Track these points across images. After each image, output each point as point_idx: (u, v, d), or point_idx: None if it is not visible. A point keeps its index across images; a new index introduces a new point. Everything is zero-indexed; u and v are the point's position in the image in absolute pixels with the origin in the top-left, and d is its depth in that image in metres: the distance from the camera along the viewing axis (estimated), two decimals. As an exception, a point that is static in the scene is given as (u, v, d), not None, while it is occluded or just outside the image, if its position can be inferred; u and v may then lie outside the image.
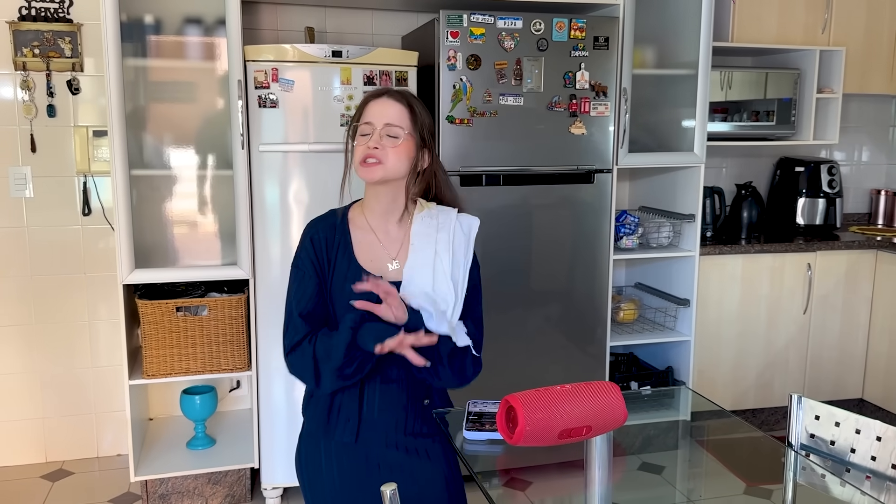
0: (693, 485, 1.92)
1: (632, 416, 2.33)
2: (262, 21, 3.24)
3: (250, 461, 2.94)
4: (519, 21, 2.88)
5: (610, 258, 3.20)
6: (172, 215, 2.90)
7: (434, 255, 1.63)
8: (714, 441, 2.22)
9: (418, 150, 1.63)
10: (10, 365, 3.19)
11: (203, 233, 2.99)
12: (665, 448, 2.18)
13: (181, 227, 2.95)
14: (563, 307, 3.14)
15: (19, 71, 3.00)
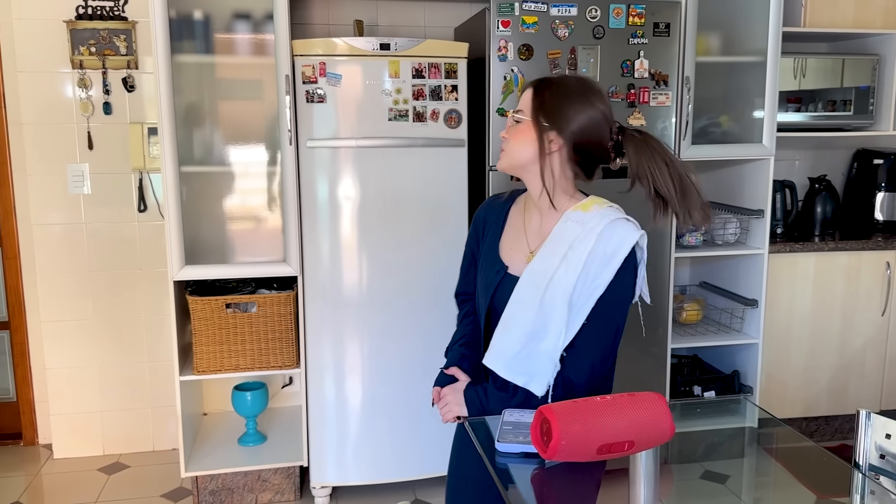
0: (759, 494, 1.79)
1: (694, 423, 2.21)
2: (313, 15, 3.22)
3: (300, 459, 2.92)
4: (574, 8, 2.76)
5: (671, 256, 3.04)
6: (223, 212, 2.90)
7: (557, 268, 1.46)
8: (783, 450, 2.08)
9: (542, 133, 1.49)
10: (71, 359, 3.27)
11: (253, 229, 2.98)
12: (730, 456, 2.06)
13: (231, 224, 2.95)
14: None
15: (76, 69, 3.06)
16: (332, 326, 2.83)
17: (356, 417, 2.89)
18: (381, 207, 2.79)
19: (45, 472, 3.21)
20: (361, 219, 2.79)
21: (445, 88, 2.76)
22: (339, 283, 2.82)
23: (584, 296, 1.46)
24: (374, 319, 2.84)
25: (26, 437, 3.44)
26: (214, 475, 2.89)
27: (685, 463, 2.02)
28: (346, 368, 2.86)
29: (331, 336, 2.84)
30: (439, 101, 2.76)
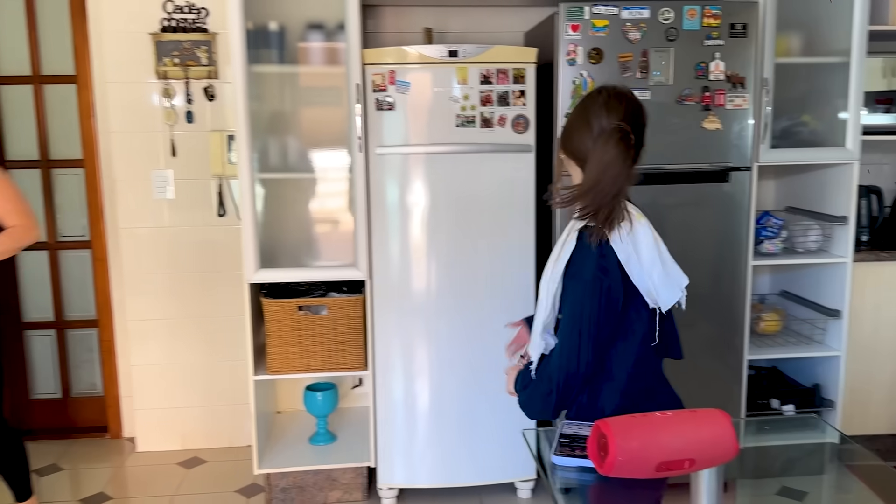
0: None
1: (772, 437, 2.14)
2: (383, 24, 3.27)
3: (368, 460, 2.96)
4: (646, 10, 2.70)
5: (749, 263, 2.94)
6: (296, 217, 2.98)
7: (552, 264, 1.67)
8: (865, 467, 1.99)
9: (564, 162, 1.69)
10: (155, 356, 3.42)
11: (324, 234, 3.06)
12: (809, 472, 1.99)
13: (303, 228, 3.04)
14: (697, 315, 2.93)
15: (161, 80, 3.20)
16: (400, 329, 2.87)
17: (424, 420, 2.91)
18: (448, 213, 2.80)
19: (128, 464, 3.37)
20: (429, 224, 2.81)
21: (513, 94, 2.75)
22: (407, 287, 2.85)
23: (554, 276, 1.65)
24: (442, 323, 2.86)
25: (112, 430, 3.62)
26: (286, 473, 2.97)
27: (761, 478, 1.96)
28: (414, 371, 2.89)
29: (399, 339, 2.87)
30: (507, 106, 2.76)
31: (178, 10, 3.16)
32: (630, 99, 1.65)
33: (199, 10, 3.17)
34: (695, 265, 2.87)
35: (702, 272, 2.90)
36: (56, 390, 3.64)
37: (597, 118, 1.60)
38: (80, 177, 3.48)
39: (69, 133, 3.46)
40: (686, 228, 2.87)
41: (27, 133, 3.47)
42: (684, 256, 2.84)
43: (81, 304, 3.60)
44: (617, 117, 1.60)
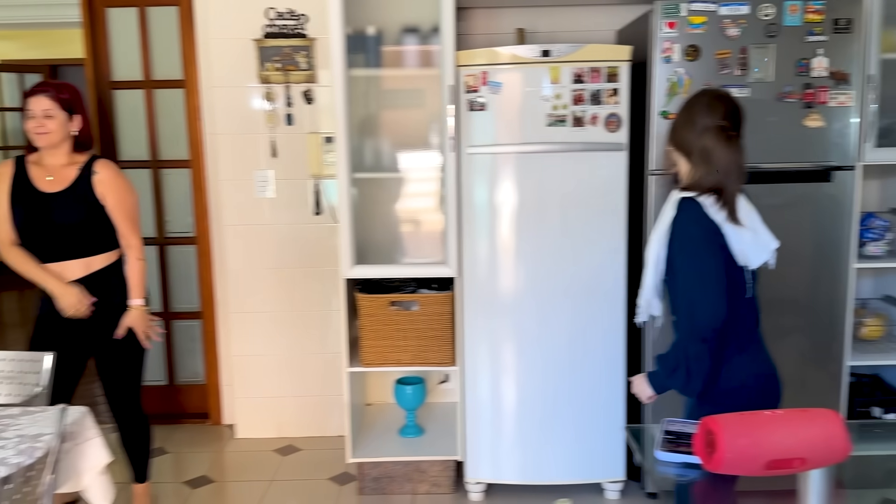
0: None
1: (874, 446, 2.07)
2: (474, 25, 3.32)
3: (455, 454, 3.02)
4: (745, 7, 2.65)
5: (851, 266, 2.84)
6: (388, 215, 3.07)
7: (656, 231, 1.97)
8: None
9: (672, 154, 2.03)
10: (257, 348, 3.58)
11: (417, 232, 3.14)
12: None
13: (397, 227, 3.12)
14: (796, 319, 2.85)
15: (263, 84, 3.35)
16: (489, 327, 2.91)
17: (511, 417, 2.95)
18: (538, 211, 2.83)
19: (227, 449, 3.55)
20: (519, 222, 2.84)
21: (606, 92, 2.75)
22: (495, 285, 2.89)
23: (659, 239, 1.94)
24: (530, 322, 2.89)
25: (212, 417, 3.82)
26: (377, 463, 3.06)
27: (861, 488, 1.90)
28: (501, 368, 2.93)
29: (487, 336, 2.92)
30: (599, 105, 2.76)
31: (280, 16, 3.30)
32: (729, 100, 1.97)
33: (299, 17, 3.30)
34: (793, 267, 2.80)
35: (801, 275, 2.82)
36: (162, 378, 3.86)
37: (700, 117, 1.91)
38: (186, 176, 3.69)
39: (177, 135, 3.66)
40: (784, 229, 2.77)
41: (139, 135, 3.69)
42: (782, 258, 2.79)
43: (186, 296, 3.81)
44: (719, 116, 1.91)
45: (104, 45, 3.63)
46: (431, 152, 3.00)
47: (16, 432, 1.91)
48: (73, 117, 2.56)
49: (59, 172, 2.56)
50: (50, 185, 2.54)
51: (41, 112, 2.49)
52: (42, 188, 2.54)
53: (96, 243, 2.58)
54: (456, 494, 3.07)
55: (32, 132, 2.51)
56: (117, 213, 2.58)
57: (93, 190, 2.54)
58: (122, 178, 2.62)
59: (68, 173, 2.55)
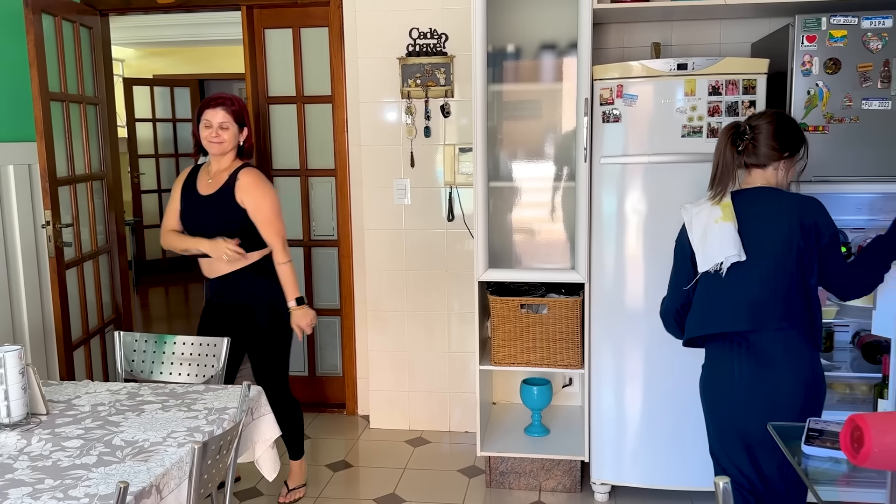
0: None
1: None
2: (609, 40, 3.43)
3: (581, 454, 3.13)
4: (888, 20, 2.64)
5: None
6: (519, 222, 3.23)
7: None
8: None
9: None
10: (388, 343, 3.83)
11: (545, 238, 3.28)
12: None
13: (526, 233, 3.27)
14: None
15: (404, 99, 3.60)
16: (614, 333, 3.01)
17: (635, 421, 3.03)
18: (667, 222, 2.89)
19: (363, 438, 3.80)
20: (647, 232, 2.92)
21: (743, 104, 2.80)
22: (622, 293, 2.98)
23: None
24: (656, 329, 2.93)
25: (349, 407, 4.10)
26: (505, 458, 3.22)
27: None
28: (626, 373, 3.02)
29: (612, 342, 3.01)
30: (736, 116, 2.80)
31: (422, 36, 3.54)
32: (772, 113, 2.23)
33: (440, 36, 3.53)
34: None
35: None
36: (304, 369, 4.18)
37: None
38: (331, 184, 3.99)
39: (324, 146, 3.98)
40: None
41: (290, 146, 4.03)
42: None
43: (328, 294, 4.11)
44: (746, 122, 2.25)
45: (262, 63, 3.99)
46: (562, 162, 3.14)
47: (203, 405, 2.19)
48: (243, 129, 2.87)
49: (217, 177, 2.86)
50: (207, 187, 2.86)
51: (217, 123, 2.80)
52: (201, 190, 2.86)
53: (241, 243, 2.81)
54: (581, 494, 3.18)
55: (208, 140, 2.82)
56: (256, 217, 2.81)
57: (234, 194, 2.80)
58: (263, 185, 2.84)
59: (222, 178, 2.85)
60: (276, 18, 3.94)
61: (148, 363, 2.63)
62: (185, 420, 2.07)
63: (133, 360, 2.64)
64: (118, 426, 2.03)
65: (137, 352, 2.64)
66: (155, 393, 2.29)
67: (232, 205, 2.79)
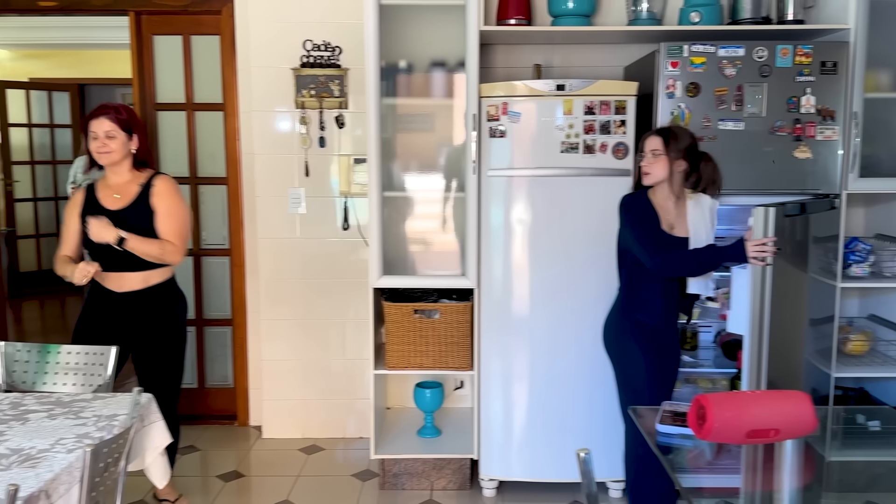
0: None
1: (858, 453, 2.29)
2: (495, 60, 3.61)
3: (470, 452, 3.27)
4: (741, 49, 2.95)
5: (837, 286, 3.11)
6: (413, 231, 3.35)
7: (702, 224, 2.69)
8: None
9: (671, 162, 2.66)
10: (283, 352, 3.84)
11: (438, 247, 3.41)
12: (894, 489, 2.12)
13: (419, 242, 3.40)
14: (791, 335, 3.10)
15: (299, 109, 3.65)
16: (502, 336, 3.18)
17: (521, 419, 3.20)
18: (550, 231, 3.10)
19: (255, 448, 3.79)
20: (532, 241, 3.11)
21: (615, 123, 3.04)
22: (509, 299, 3.15)
23: (711, 237, 2.71)
24: (541, 333, 3.15)
25: (240, 418, 4.06)
26: (398, 459, 3.31)
27: (847, 492, 2.10)
28: (513, 374, 3.19)
29: (500, 344, 3.18)
30: (608, 134, 3.04)
31: (316, 48, 3.60)
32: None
33: (333, 49, 3.61)
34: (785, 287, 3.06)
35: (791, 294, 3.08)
36: (193, 381, 4.11)
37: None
38: (222, 192, 3.97)
39: (215, 154, 3.96)
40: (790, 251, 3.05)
41: (179, 153, 3.98)
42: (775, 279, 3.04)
43: (219, 304, 4.07)
44: None
45: (150, 69, 3.93)
46: (452, 174, 3.29)
47: (92, 413, 2.17)
48: (132, 136, 2.84)
49: (124, 190, 2.83)
50: (116, 202, 2.81)
51: (103, 133, 2.76)
52: (108, 206, 2.81)
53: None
54: (471, 490, 3.31)
55: (96, 152, 2.78)
56: (164, 222, 2.79)
57: (150, 201, 2.80)
58: (177, 193, 2.88)
59: (131, 190, 2.82)
60: (165, 25, 3.90)
61: (31, 374, 2.55)
62: (74, 427, 2.04)
63: (14, 370, 2.55)
64: (2, 435, 1.97)
65: (19, 362, 2.56)
66: (40, 402, 2.24)
67: (150, 216, 2.79)
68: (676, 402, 1.63)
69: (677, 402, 1.63)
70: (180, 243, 2.85)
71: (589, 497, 1.36)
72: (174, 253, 2.83)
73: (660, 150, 2.66)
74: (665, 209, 2.73)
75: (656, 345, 2.73)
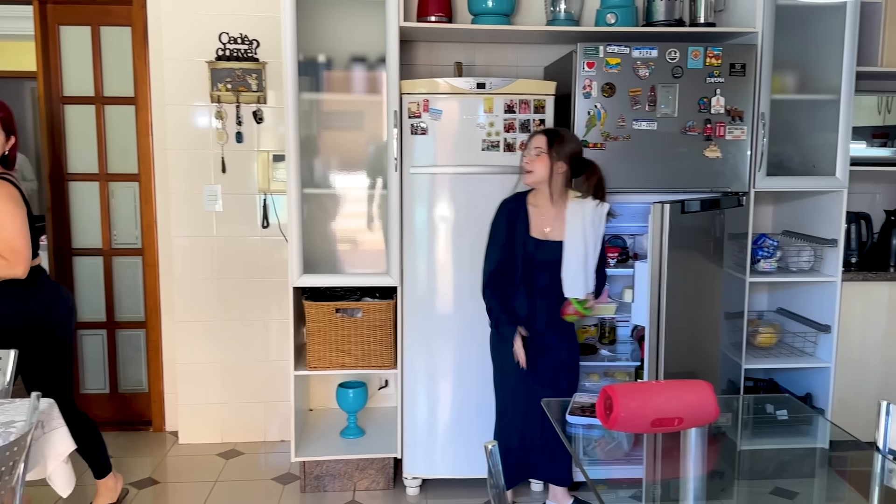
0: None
1: (766, 441, 2.38)
2: (417, 57, 3.60)
3: (394, 451, 3.24)
4: (654, 51, 3.03)
5: (746, 281, 3.22)
6: (333, 228, 3.30)
7: (583, 227, 2.69)
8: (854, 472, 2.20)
9: (553, 162, 2.69)
10: (199, 355, 3.72)
11: (362, 244, 3.37)
12: (800, 475, 2.19)
13: (342, 239, 3.35)
14: (701, 328, 3.20)
15: (214, 103, 3.54)
16: (426, 333, 3.16)
17: (445, 416, 3.20)
18: (472, 228, 3.10)
19: (171, 454, 3.66)
20: (455, 238, 3.12)
21: (534, 122, 3.07)
22: (433, 295, 3.15)
23: (596, 239, 2.73)
24: (464, 329, 3.15)
25: (155, 424, 3.92)
26: (319, 461, 3.25)
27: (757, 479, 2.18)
28: (437, 371, 3.18)
29: (424, 342, 3.17)
30: (528, 133, 3.07)
31: (233, 41, 3.51)
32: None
33: (251, 42, 3.52)
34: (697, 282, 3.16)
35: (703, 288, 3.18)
36: (104, 386, 3.94)
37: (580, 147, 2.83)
38: (134, 190, 3.82)
39: (127, 150, 3.80)
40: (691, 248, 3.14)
41: (89, 149, 3.81)
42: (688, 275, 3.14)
43: (131, 305, 3.92)
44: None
45: (56, 61, 3.75)
46: (376, 171, 3.26)
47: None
48: (10, 137, 2.67)
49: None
50: None
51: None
52: None
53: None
54: (394, 490, 3.29)
55: None
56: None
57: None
58: (8, 201, 2.56)
59: None
60: (72, 15, 3.72)
61: (-83, 381, 2.38)
62: (-36, 437, 1.92)
63: None
64: None
65: None
66: (-74, 411, 2.09)
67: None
68: (588, 393, 1.66)
69: (589, 393, 1.65)
70: (14, 257, 2.56)
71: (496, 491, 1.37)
72: (10, 268, 2.57)
73: (543, 148, 2.71)
74: (542, 213, 2.77)
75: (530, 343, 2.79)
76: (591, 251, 2.71)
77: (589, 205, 2.71)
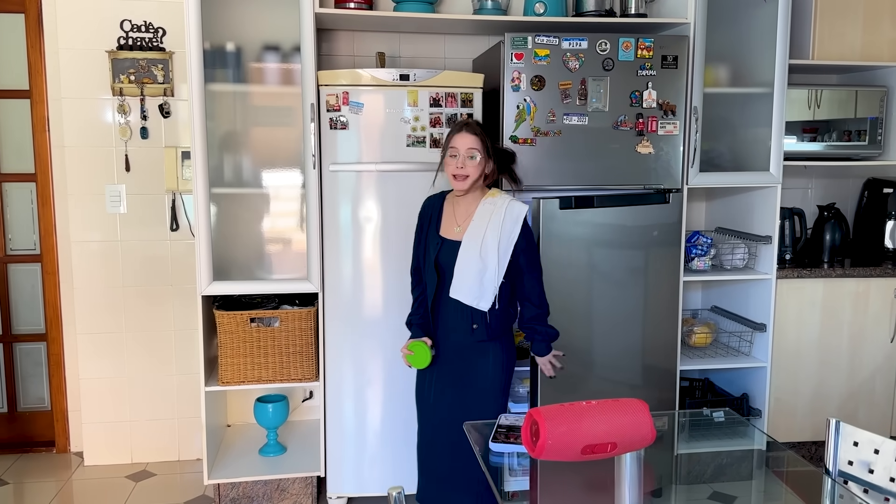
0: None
1: (704, 444, 2.29)
2: (338, 48, 3.39)
3: (317, 470, 3.03)
4: (584, 42, 2.89)
5: (680, 279, 3.13)
6: (250, 231, 3.06)
7: (486, 230, 2.44)
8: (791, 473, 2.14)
9: (485, 162, 2.49)
10: (102, 370, 3.43)
11: (278, 248, 3.14)
12: (738, 478, 2.12)
13: (257, 243, 3.11)
14: (634, 329, 3.10)
15: (116, 96, 3.26)
16: (351, 342, 2.96)
17: (373, 430, 3.00)
18: (400, 228, 2.92)
19: (75, 478, 3.36)
20: (381, 239, 2.92)
21: (461, 117, 2.90)
22: (358, 301, 2.95)
23: (505, 244, 2.46)
24: (390, 337, 2.96)
25: (59, 444, 3.60)
26: (236, 483, 3.02)
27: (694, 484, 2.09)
28: (363, 382, 2.98)
29: (349, 351, 2.97)
30: (455, 128, 2.89)
31: (136, 28, 3.23)
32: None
33: (156, 30, 3.24)
34: (631, 281, 3.05)
35: (637, 287, 3.07)
36: (2, 405, 3.61)
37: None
38: (30, 190, 3.50)
39: (22, 147, 3.47)
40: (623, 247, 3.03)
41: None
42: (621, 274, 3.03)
43: (30, 316, 3.59)
44: None
45: (-62, 50, 3.39)
46: (294, 169, 3.03)
47: None
48: None
49: None
50: None
51: None
52: None
53: None
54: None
55: None
56: None
57: None
58: None
59: None
60: (-43, -2, 3.38)
61: None
62: None
63: None
64: None
65: None
66: None
67: None
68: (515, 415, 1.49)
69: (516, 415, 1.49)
70: None
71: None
72: None
73: (477, 149, 2.45)
74: (457, 211, 2.54)
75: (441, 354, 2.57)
76: (490, 255, 2.41)
77: (501, 203, 2.46)
